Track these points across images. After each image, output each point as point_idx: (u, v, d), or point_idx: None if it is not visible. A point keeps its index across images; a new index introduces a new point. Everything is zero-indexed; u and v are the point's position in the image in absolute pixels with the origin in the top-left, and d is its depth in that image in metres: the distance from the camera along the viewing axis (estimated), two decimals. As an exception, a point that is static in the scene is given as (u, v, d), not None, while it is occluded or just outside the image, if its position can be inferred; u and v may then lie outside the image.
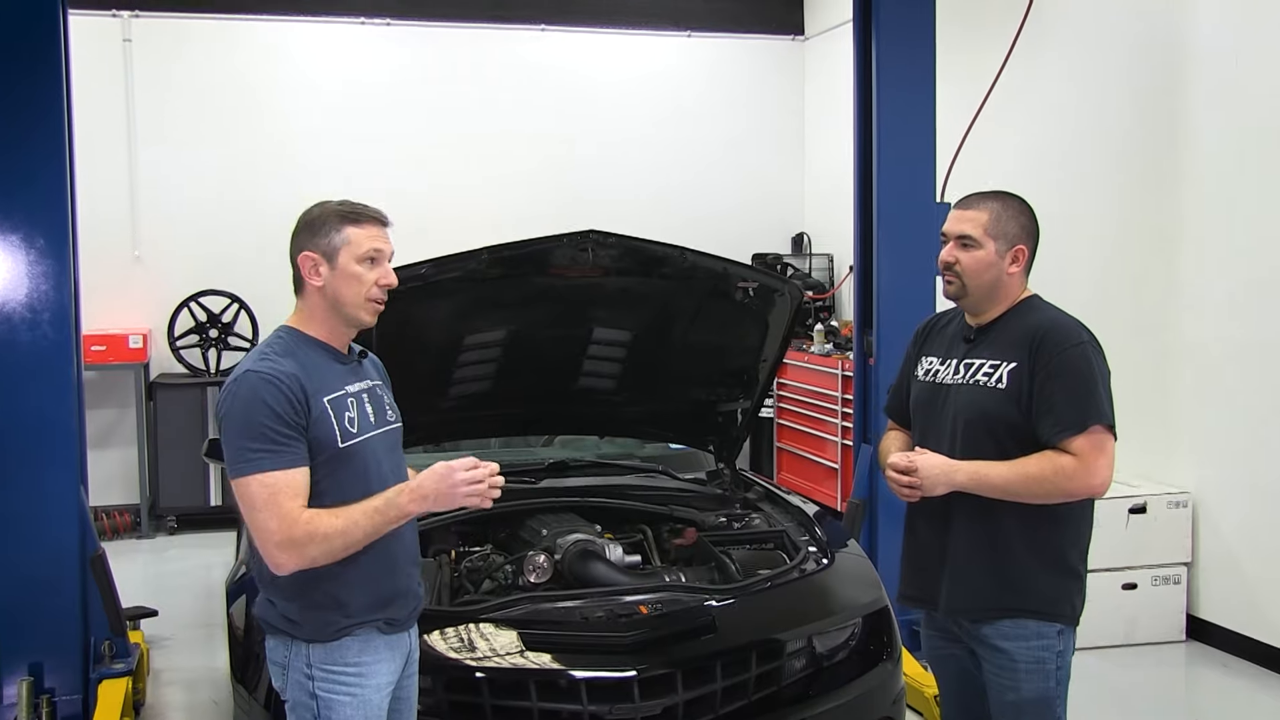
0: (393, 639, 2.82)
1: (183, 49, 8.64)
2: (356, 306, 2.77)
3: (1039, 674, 3.00)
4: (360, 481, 2.72)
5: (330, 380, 2.74)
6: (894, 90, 5.56)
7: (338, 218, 2.75)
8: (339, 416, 2.70)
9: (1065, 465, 2.88)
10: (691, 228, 8.15)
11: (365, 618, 2.73)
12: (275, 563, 2.61)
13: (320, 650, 2.71)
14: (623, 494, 4.56)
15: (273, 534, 2.57)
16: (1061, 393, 2.90)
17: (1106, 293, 6.32)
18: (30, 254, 4.58)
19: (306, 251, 2.74)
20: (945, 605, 3.11)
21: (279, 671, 2.78)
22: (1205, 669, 5.69)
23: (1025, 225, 3.08)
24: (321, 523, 2.59)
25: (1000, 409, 2.97)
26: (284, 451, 2.60)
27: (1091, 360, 2.94)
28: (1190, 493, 5.94)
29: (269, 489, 2.57)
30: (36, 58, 4.60)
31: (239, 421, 2.61)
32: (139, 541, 8.25)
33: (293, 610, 2.71)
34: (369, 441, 2.77)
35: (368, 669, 2.75)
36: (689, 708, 3.27)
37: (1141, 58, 6.28)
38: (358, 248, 2.74)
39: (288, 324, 2.82)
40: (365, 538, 2.64)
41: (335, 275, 2.74)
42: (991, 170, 5.89)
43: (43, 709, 4.56)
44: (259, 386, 2.60)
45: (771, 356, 4.52)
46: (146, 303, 8.58)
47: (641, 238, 4.08)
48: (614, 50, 9.67)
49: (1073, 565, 3.04)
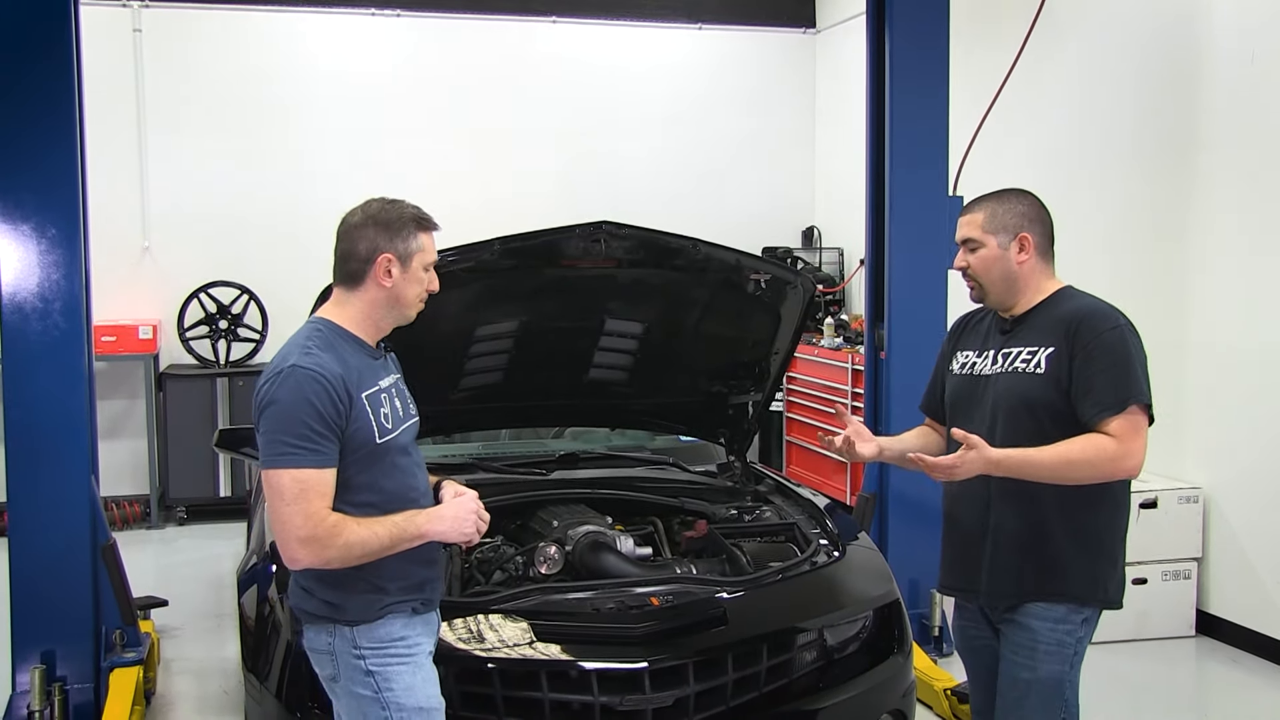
0: (427, 616, 2.93)
1: (193, 39, 8.64)
2: (412, 307, 2.89)
3: (1057, 656, 3.05)
4: (393, 475, 2.81)
5: (367, 376, 2.80)
6: (907, 83, 5.54)
7: (415, 224, 2.84)
8: (375, 412, 2.77)
9: (1106, 446, 2.90)
10: (701, 221, 8.12)
11: (403, 598, 2.82)
12: (292, 557, 2.67)
13: (366, 630, 2.78)
14: (633, 486, 4.55)
15: (298, 529, 2.62)
16: (1101, 374, 2.94)
17: (1118, 288, 6.23)
18: (41, 243, 4.59)
19: (387, 253, 2.79)
20: (986, 591, 3.14)
21: (325, 659, 2.84)
22: (1215, 664, 5.68)
23: (1025, 213, 3.11)
24: (345, 528, 2.65)
25: (1041, 393, 3.00)
26: (320, 451, 2.65)
27: (1128, 342, 2.97)
28: (1201, 488, 5.92)
29: (301, 484, 2.62)
30: (47, 48, 4.61)
31: (282, 415, 2.65)
32: (149, 532, 8.27)
33: (334, 595, 2.77)
34: (400, 436, 2.86)
35: (414, 640, 2.85)
36: (700, 699, 3.26)
37: (1155, 55, 6.25)
38: (428, 256, 2.87)
39: (324, 316, 2.86)
40: (381, 551, 2.71)
41: (406, 278, 2.83)
42: (1004, 165, 5.89)
43: (55, 697, 4.58)
44: (305, 383, 2.65)
45: (783, 349, 4.51)
46: (156, 294, 8.58)
47: (654, 229, 4.06)
48: (625, 42, 9.66)
49: (1110, 549, 3.08)
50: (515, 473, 4.58)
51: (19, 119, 4.54)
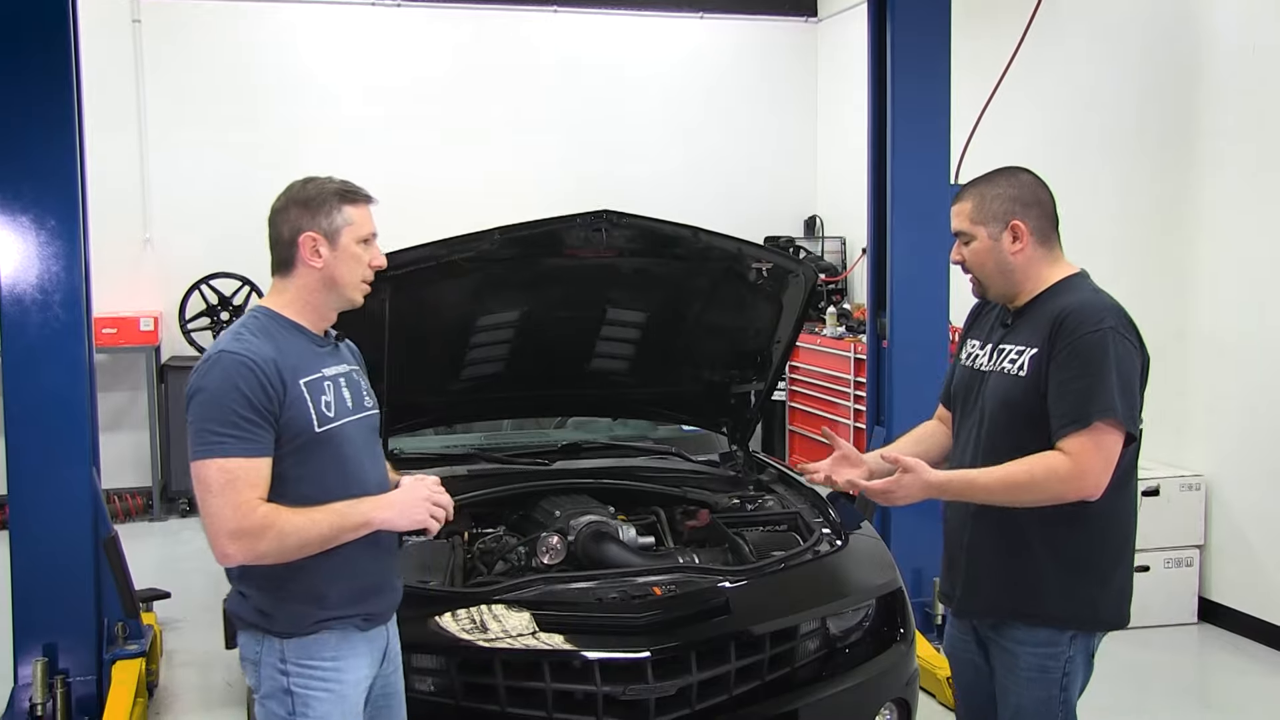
0: (371, 634, 2.74)
1: (193, 30, 8.62)
2: (353, 287, 2.72)
3: (1041, 681, 2.85)
4: (336, 468, 2.64)
5: (308, 362, 2.66)
6: (909, 72, 5.53)
7: (338, 197, 2.68)
8: (315, 399, 2.61)
9: (1057, 467, 2.67)
10: (703, 210, 8.09)
11: (343, 612, 2.65)
12: (223, 552, 2.50)
13: (295, 645, 2.62)
14: (636, 476, 4.54)
15: (226, 521, 2.47)
16: (1070, 383, 2.68)
17: (1121, 277, 6.26)
18: (41, 235, 4.57)
19: (309, 232, 2.65)
20: (958, 605, 3.02)
21: (251, 668, 2.68)
22: (1217, 651, 5.69)
23: (1016, 196, 2.86)
24: (278, 518, 2.49)
25: (1021, 398, 2.78)
26: (249, 439, 2.50)
27: (1108, 347, 2.67)
28: (1203, 475, 5.92)
29: (228, 475, 2.47)
30: (46, 38, 4.59)
31: (208, 403, 2.51)
32: (151, 524, 8.28)
33: (267, 603, 2.61)
34: (345, 427, 2.68)
35: (345, 664, 2.67)
36: (703, 688, 3.26)
37: (1157, 43, 6.23)
38: (360, 229, 2.69)
39: (264, 305, 2.73)
40: (322, 542, 2.54)
41: (337, 256, 2.67)
42: (1006, 153, 5.84)
43: (57, 690, 4.58)
44: (233, 369, 2.51)
45: (785, 338, 4.50)
46: (157, 285, 8.58)
47: (655, 218, 4.05)
48: (626, 32, 9.64)
49: (1099, 568, 2.83)
50: (517, 463, 4.58)
51: (18, 109, 4.52)
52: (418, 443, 4.84)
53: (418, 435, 4.86)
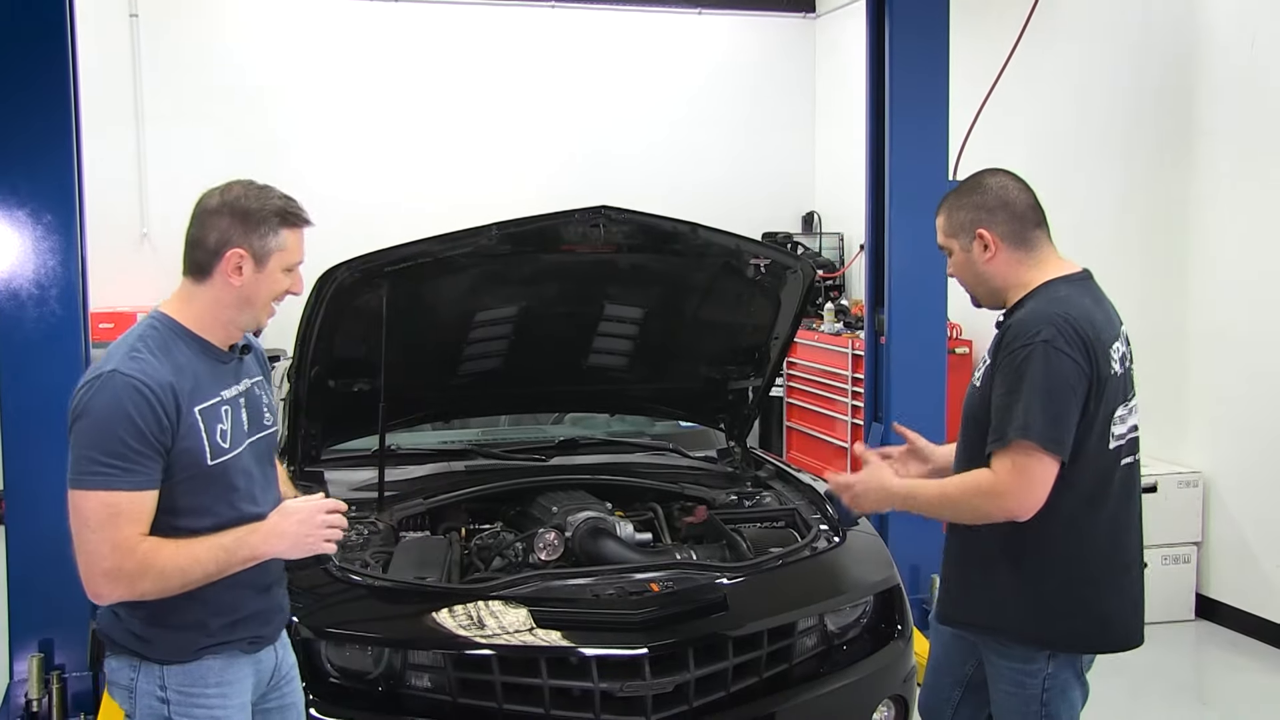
0: (258, 654, 2.61)
1: (190, 25, 8.62)
2: (263, 310, 2.54)
3: (1019, 696, 2.80)
4: (227, 498, 2.47)
5: (206, 385, 2.46)
6: (907, 68, 5.51)
7: (278, 218, 2.49)
8: (210, 429, 2.43)
9: (981, 482, 2.63)
10: (701, 206, 8.08)
11: (228, 637, 2.50)
12: (95, 591, 2.31)
13: (177, 672, 2.45)
14: (633, 472, 4.53)
15: (102, 559, 2.28)
16: (999, 399, 2.63)
17: (1118, 274, 6.23)
18: (37, 229, 4.55)
19: (239, 249, 2.45)
20: (939, 611, 3.01)
21: (123, 695, 2.48)
22: (1214, 648, 5.69)
23: (979, 203, 2.80)
24: (159, 557, 2.30)
25: (979, 411, 2.74)
26: (136, 471, 2.30)
27: (1036, 363, 2.57)
28: (1201, 473, 5.92)
29: (111, 509, 2.27)
30: (42, 32, 4.56)
31: (94, 429, 2.30)
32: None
33: (144, 628, 2.43)
34: (240, 456, 2.51)
35: (231, 689, 2.51)
36: (700, 685, 3.25)
37: (1154, 40, 6.23)
38: (289, 256, 2.52)
39: (165, 312, 2.52)
40: (206, 578, 2.36)
41: (259, 278, 2.48)
42: (1004, 149, 5.86)
43: (53, 685, 4.57)
44: (124, 393, 2.30)
45: (783, 334, 4.50)
46: (155, 281, 8.48)
47: (653, 214, 4.03)
48: (623, 28, 9.63)
49: (1069, 589, 2.72)
50: (514, 459, 4.57)
51: (13, 104, 4.49)
52: (415, 438, 4.83)
53: (415, 431, 4.85)
